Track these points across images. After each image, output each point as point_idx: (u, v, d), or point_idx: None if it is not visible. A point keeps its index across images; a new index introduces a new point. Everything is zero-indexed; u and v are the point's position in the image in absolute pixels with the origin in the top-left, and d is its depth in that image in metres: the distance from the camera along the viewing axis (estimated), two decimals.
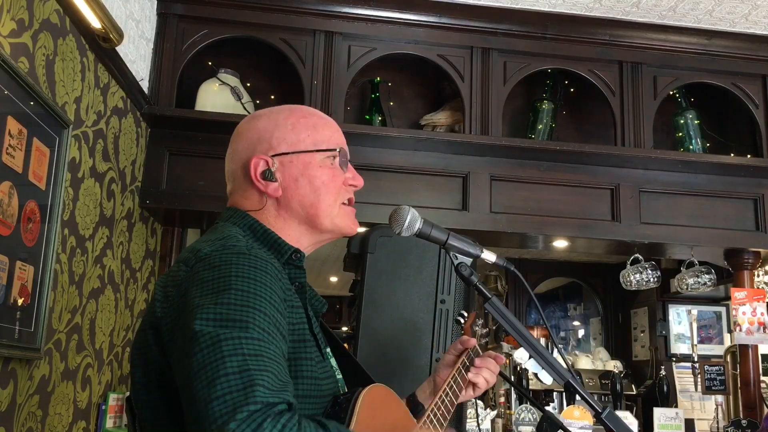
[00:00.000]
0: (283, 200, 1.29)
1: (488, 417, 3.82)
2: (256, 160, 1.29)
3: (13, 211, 1.95)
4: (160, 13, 3.25)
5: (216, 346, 0.99)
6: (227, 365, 0.96)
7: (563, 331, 7.07)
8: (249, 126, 1.34)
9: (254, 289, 1.07)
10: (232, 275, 1.07)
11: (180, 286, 1.11)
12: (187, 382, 0.99)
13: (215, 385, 0.95)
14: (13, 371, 2.01)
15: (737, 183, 3.55)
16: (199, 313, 1.03)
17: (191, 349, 1.00)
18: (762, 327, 3.59)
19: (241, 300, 1.04)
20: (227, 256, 1.11)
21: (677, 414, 3.93)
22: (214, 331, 1.00)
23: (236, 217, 1.28)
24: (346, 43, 3.38)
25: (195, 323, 1.02)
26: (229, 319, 1.02)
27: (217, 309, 1.03)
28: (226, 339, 0.99)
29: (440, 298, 2.35)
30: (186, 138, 3.19)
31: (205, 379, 0.96)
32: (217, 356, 0.98)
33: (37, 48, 2.08)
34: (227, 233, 1.21)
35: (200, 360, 0.98)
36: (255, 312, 1.04)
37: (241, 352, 0.98)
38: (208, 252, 1.12)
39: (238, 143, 1.34)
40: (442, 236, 1.38)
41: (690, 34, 3.55)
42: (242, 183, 1.31)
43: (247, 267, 1.09)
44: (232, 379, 0.95)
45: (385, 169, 3.32)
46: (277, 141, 1.30)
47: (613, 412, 1.27)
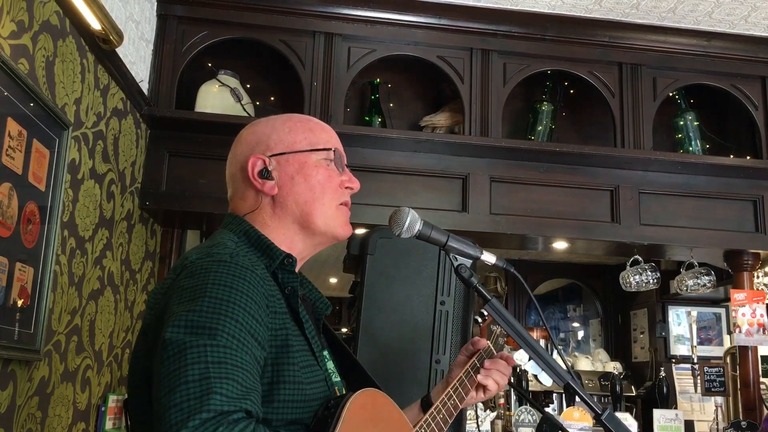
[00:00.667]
0: (278, 198, 1.31)
1: (488, 418, 3.82)
2: (254, 159, 1.32)
3: (12, 212, 1.95)
4: (159, 15, 3.25)
5: (181, 354, 1.01)
6: (188, 373, 0.98)
7: (563, 332, 7.07)
8: (248, 131, 1.38)
9: (227, 296, 1.08)
10: (208, 283, 1.09)
11: (166, 293, 1.15)
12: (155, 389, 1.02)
13: (175, 393, 0.97)
14: (12, 373, 2.01)
15: (737, 184, 3.55)
16: (172, 321, 1.05)
17: (161, 357, 1.03)
18: (761, 328, 3.59)
19: (212, 307, 1.06)
20: (208, 263, 1.13)
21: (677, 415, 3.93)
22: (183, 338, 1.02)
23: (233, 224, 1.31)
24: (346, 44, 3.38)
25: (167, 330, 1.04)
26: (198, 326, 1.04)
27: (188, 316, 1.05)
28: (191, 347, 1.01)
29: (440, 299, 2.35)
30: (186, 139, 3.19)
31: (168, 386, 0.98)
32: (180, 364, 1.00)
33: (37, 49, 2.08)
34: (218, 240, 1.24)
35: (167, 367, 1.01)
36: (225, 319, 1.05)
37: (204, 360, 1.00)
38: (193, 260, 1.16)
39: (237, 148, 1.38)
40: (441, 238, 1.38)
41: (689, 36, 3.55)
42: (240, 184, 1.34)
43: (223, 274, 1.10)
44: (191, 387, 0.97)
45: (384, 170, 3.32)
46: (274, 142, 1.34)
47: (612, 414, 1.27)
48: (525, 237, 3.49)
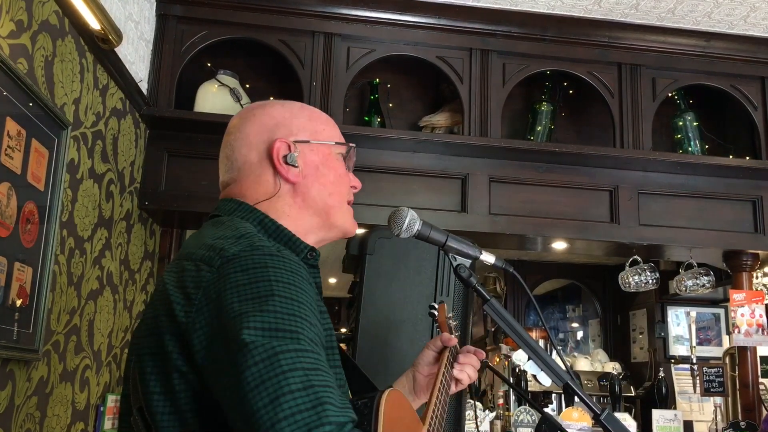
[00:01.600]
0: (301, 187, 1.25)
1: (487, 418, 3.82)
2: (279, 143, 1.25)
3: (11, 212, 1.95)
4: (159, 15, 3.25)
5: (273, 359, 0.92)
6: (290, 381, 0.91)
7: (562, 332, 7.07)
8: (261, 111, 1.30)
9: (295, 295, 1.01)
10: (271, 279, 1.00)
11: (207, 288, 1.02)
12: (238, 397, 0.92)
13: (281, 404, 0.89)
14: (11, 372, 2.01)
15: (736, 185, 3.55)
16: (244, 322, 0.95)
17: (242, 361, 0.93)
18: (760, 329, 3.59)
19: (286, 308, 0.98)
20: (260, 257, 1.03)
21: (676, 416, 3.93)
22: (268, 342, 0.93)
23: (242, 211, 1.22)
24: (345, 44, 3.38)
25: (243, 333, 0.94)
26: (278, 329, 0.95)
27: (264, 317, 0.96)
28: (282, 351, 0.93)
29: (439, 299, 2.35)
30: (185, 139, 3.19)
31: (267, 396, 0.90)
32: (276, 371, 0.91)
33: (36, 49, 2.08)
34: (243, 230, 1.13)
35: (257, 374, 0.92)
36: (302, 321, 0.98)
37: (300, 367, 0.93)
38: (236, 252, 1.04)
39: (249, 127, 1.28)
40: (440, 237, 1.38)
41: (689, 36, 3.56)
42: (256, 168, 1.25)
43: (283, 270, 1.03)
44: (298, 397, 0.90)
45: (384, 170, 3.32)
46: (297, 128, 1.28)
47: (611, 414, 1.27)
48: (524, 237, 3.49)
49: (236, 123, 1.31)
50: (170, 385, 1.03)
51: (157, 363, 1.05)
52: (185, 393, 1.02)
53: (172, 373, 1.02)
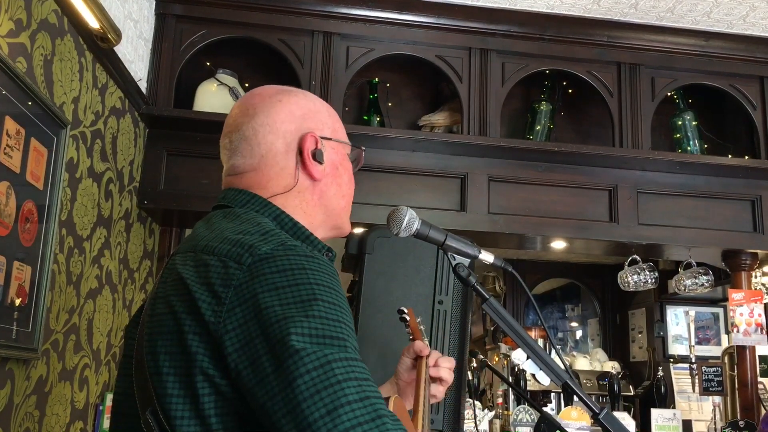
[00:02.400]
0: (321, 185, 1.22)
1: (486, 418, 3.82)
2: (311, 138, 1.20)
3: (10, 211, 1.95)
4: (158, 14, 3.25)
5: (327, 367, 0.90)
6: (347, 391, 0.89)
7: (561, 332, 7.07)
8: (287, 98, 1.23)
9: (337, 300, 0.98)
10: (311, 283, 0.97)
11: (239, 288, 0.97)
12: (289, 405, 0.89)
13: (339, 415, 0.87)
14: (10, 371, 2.01)
15: (735, 184, 3.55)
16: (291, 327, 0.92)
17: (292, 369, 0.90)
18: (759, 328, 3.59)
19: (330, 314, 0.95)
20: (296, 259, 0.99)
21: (675, 415, 3.93)
22: (319, 350, 0.91)
23: (256, 204, 1.16)
24: (345, 43, 3.38)
25: (291, 339, 0.91)
26: (326, 336, 0.93)
27: (310, 323, 0.93)
28: (335, 360, 0.91)
29: (438, 298, 2.35)
30: (184, 138, 3.19)
31: (324, 406, 0.88)
32: (331, 380, 0.90)
33: (35, 48, 2.08)
34: (265, 226, 1.08)
35: (310, 383, 0.89)
36: (346, 327, 0.96)
37: (354, 377, 0.91)
38: (268, 251, 0.99)
39: (276, 113, 1.21)
40: (440, 237, 1.38)
41: (688, 36, 3.56)
42: (281, 159, 1.19)
43: (321, 273, 0.99)
44: (356, 408, 0.88)
45: (383, 169, 3.32)
46: (321, 123, 1.24)
47: (610, 413, 1.27)
48: (523, 236, 3.49)
49: (257, 105, 1.22)
50: (192, 388, 0.97)
51: (176, 363, 0.99)
52: (209, 397, 0.97)
53: (196, 375, 0.97)
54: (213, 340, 0.96)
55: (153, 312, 1.05)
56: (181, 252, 1.10)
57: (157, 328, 1.02)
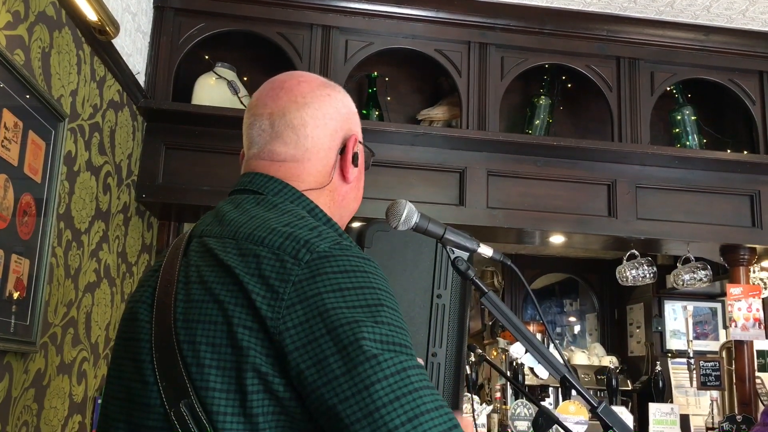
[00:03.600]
0: (348, 188, 1.21)
1: (484, 412, 3.82)
2: (355, 138, 1.19)
3: (8, 204, 1.94)
4: (156, 6, 3.24)
5: (403, 374, 0.91)
6: (425, 399, 0.90)
7: (559, 326, 7.07)
8: (335, 95, 1.21)
9: (397, 306, 0.99)
10: (375, 288, 0.97)
11: (298, 285, 0.94)
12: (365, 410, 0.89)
13: (421, 423, 0.88)
14: (8, 364, 2.01)
15: (734, 179, 3.55)
16: (362, 331, 0.91)
17: (369, 374, 0.89)
18: (757, 323, 3.60)
19: (396, 320, 0.96)
20: (357, 261, 0.99)
21: (672, 409, 3.94)
22: (395, 357, 0.91)
23: (289, 194, 1.12)
24: (343, 37, 3.37)
25: (365, 343, 0.90)
26: (396, 344, 0.93)
27: (380, 329, 0.92)
28: (410, 367, 0.92)
29: (437, 292, 2.35)
30: (182, 132, 3.18)
31: (404, 413, 0.88)
32: (409, 388, 0.90)
33: (32, 40, 2.07)
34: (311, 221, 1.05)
35: (389, 389, 0.89)
36: (408, 335, 0.96)
37: (427, 385, 0.92)
38: (327, 249, 0.98)
39: (325, 108, 1.18)
40: (438, 230, 1.38)
41: (687, 30, 3.55)
42: (324, 155, 1.17)
43: (380, 278, 1.00)
44: (435, 417, 0.90)
45: (382, 164, 3.31)
46: (356, 126, 1.22)
47: (608, 407, 1.27)
48: (522, 231, 3.49)
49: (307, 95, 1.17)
50: (240, 384, 0.93)
51: (221, 357, 0.94)
52: (259, 395, 0.93)
53: (247, 371, 0.93)
54: (269, 337, 0.93)
55: (188, 297, 1.00)
56: (212, 236, 1.05)
57: (196, 316, 0.97)
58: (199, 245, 1.05)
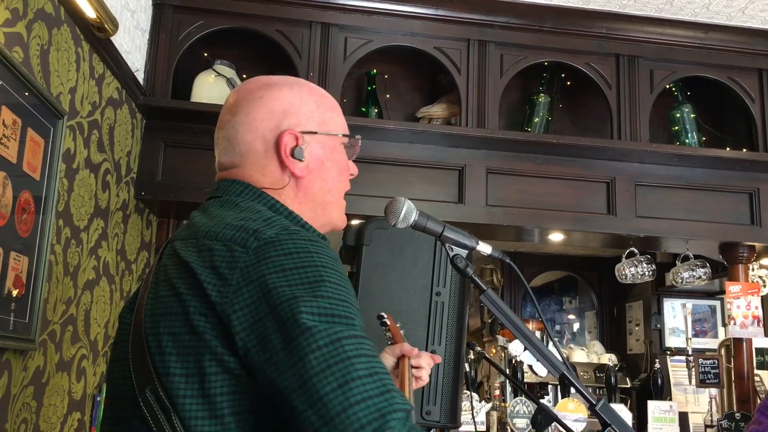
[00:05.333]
0: (305, 182, 1.22)
1: (483, 409, 3.83)
2: (288, 136, 1.20)
3: (7, 201, 1.94)
4: (155, 4, 3.24)
5: (337, 344, 0.93)
6: (357, 366, 0.92)
7: (558, 324, 7.08)
8: (269, 94, 1.23)
9: (342, 281, 1.01)
10: (317, 265, 1.00)
11: (245, 270, 0.99)
12: (301, 380, 0.92)
13: (351, 388, 0.90)
14: (7, 362, 2.01)
15: (733, 177, 3.55)
16: (301, 306, 0.95)
17: (304, 346, 0.93)
18: (756, 321, 3.60)
19: (338, 294, 0.98)
20: (301, 242, 1.02)
21: (671, 407, 3.94)
22: (330, 327, 0.94)
23: (251, 194, 1.18)
24: (343, 35, 3.36)
25: (302, 317, 0.94)
26: (335, 315, 0.96)
27: (319, 303, 0.96)
28: (345, 337, 0.94)
29: (436, 290, 2.35)
30: (181, 129, 3.18)
31: (335, 380, 0.91)
32: (342, 356, 0.92)
33: (31, 38, 2.07)
34: (265, 213, 1.11)
35: (321, 358, 0.92)
36: (352, 307, 0.99)
37: (363, 353, 0.94)
38: (273, 235, 1.02)
39: (256, 110, 1.21)
40: (437, 228, 1.38)
41: (687, 28, 3.55)
42: (260, 157, 1.20)
43: (326, 257, 1.02)
44: (367, 383, 0.91)
45: (381, 161, 3.31)
46: (305, 118, 1.23)
47: (607, 404, 1.27)
48: (521, 228, 3.49)
49: (239, 102, 1.23)
50: (199, 367, 0.99)
51: (181, 344, 1.01)
52: (217, 375, 0.99)
53: (204, 354, 0.99)
54: (221, 321, 0.98)
55: (156, 295, 1.07)
56: (180, 239, 1.12)
57: (159, 310, 1.05)
58: (170, 249, 1.13)
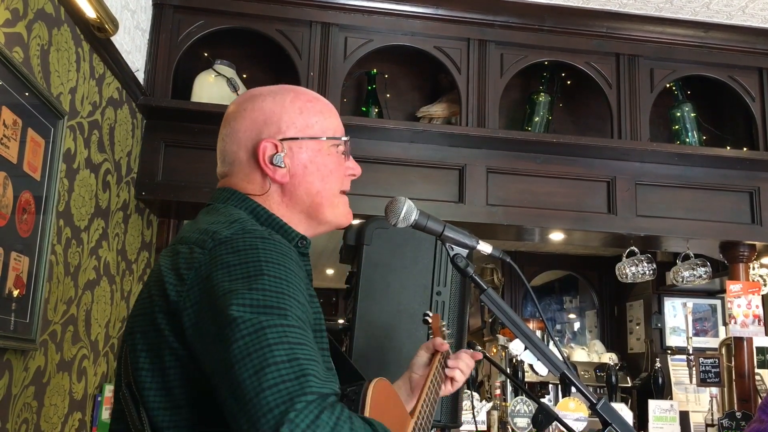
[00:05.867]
0: (289, 187, 1.26)
1: (484, 409, 3.83)
2: (265, 143, 1.25)
3: (7, 201, 1.94)
4: (155, 4, 3.24)
5: (260, 333, 0.96)
6: (276, 354, 0.94)
7: (559, 323, 7.08)
8: (252, 105, 1.29)
9: (284, 275, 1.03)
10: (261, 260, 1.04)
11: (198, 269, 1.06)
12: (225, 369, 0.96)
13: (265, 374, 0.92)
14: (8, 362, 2.01)
15: (733, 176, 3.55)
16: (233, 299, 0.99)
17: (229, 336, 0.96)
18: (757, 320, 3.60)
19: (275, 286, 1.01)
20: (251, 240, 1.07)
21: (672, 406, 3.94)
22: (255, 317, 0.97)
23: (236, 200, 1.24)
24: (343, 34, 3.36)
25: (231, 309, 0.98)
26: (267, 306, 0.99)
27: (252, 295, 0.99)
28: (269, 326, 0.96)
29: (436, 289, 2.35)
30: (182, 129, 3.18)
31: (252, 367, 0.93)
32: (263, 344, 0.95)
33: (31, 38, 2.07)
34: (236, 216, 1.17)
35: (243, 347, 0.95)
36: (289, 299, 1.01)
37: (286, 341, 0.96)
38: (228, 235, 1.08)
39: (239, 123, 1.28)
40: (437, 227, 1.38)
41: (687, 27, 3.55)
42: (244, 166, 1.27)
43: (272, 252, 1.06)
44: (282, 368, 0.93)
45: (381, 161, 3.31)
46: (285, 125, 1.27)
47: (608, 404, 1.27)
48: (521, 228, 3.49)
49: (231, 114, 1.31)
50: (161, 362, 1.07)
51: (148, 340, 1.09)
52: (175, 369, 1.06)
53: (164, 350, 1.07)
54: (176, 317, 1.06)
55: (138, 298, 1.18)
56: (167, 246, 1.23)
57: (136, 311, 1.14)
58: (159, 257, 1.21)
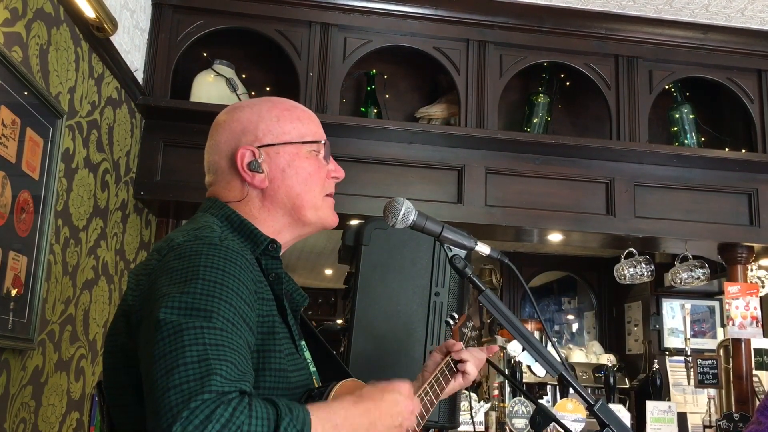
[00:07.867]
0: (269, 191, 1.30)
1: (482, 409, 3.83)
2: (243, 151, 1.30)
3: (6, 201, 1.94)
4: (154, 3, 3.23)
5: (178, 335, 1.00)
6: (187, 354, 0.98)
7: (557, 324, 7.08)
8: (231, 117, 1.35)
9: (221, 279, 1.08)
10: (200, 265, 1.09)
11: (150, 275, 1.13)
12: (146, 369, 1.01)
13: (173, 374, 0.96)
14: (6, 361, 2.01)
15: (732, 177, 3.56)
16: (164, 302, 1.04)
17: (154, 337, 1.02)
18: (755, 321, 3.60)
19: (206, 290, 1.06)
20: (198, 246, 1.12)
21: (670, 407, 3.94)
22: (177, 320, 1.02)
23: (215, 208, 1.30)
24: (342, 35, 3.36)
25: (160, 312, 1.03)
26: (193, 308, 1.03)
27: (182, 298, 1.04)
28: (188, 328, 1.01)
29: (434, 290, 2.36)
30: (181, 129, 3.18)
31: (164, 367, 0.98)
32: (177, 345, 0.99)
33: (30, 37, 2.07)
34: (203, 223, 1.23)
35: (161, 348, 1.00)
36: (220, 302, 1.05)
37: (201, 342, 1.00)
38: (181, 242, 1.14)
39: (219, 135, 1.35)
40: (436, 228, 1.38)
41: (686, 29, 3.55)
42: (225, 174, 1.33)
43: (215, 257, 1.10)
44: (190, 369, 0.97)
45: (380, 161, 3.31)
46: (262, 132, 1.32)
47: (605, 405, 1.27)
48: (520, 229, 3.49)
49: (214, 127, 1.37)
50: (116, 363, 1.18)
51: (113, 342, 1.19)
52: (127, 368, 1.14)
53: (118, 352, 1.17)
54: (129, 321, 1.15)
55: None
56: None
57: (115, 316, 1.23)
58: None
